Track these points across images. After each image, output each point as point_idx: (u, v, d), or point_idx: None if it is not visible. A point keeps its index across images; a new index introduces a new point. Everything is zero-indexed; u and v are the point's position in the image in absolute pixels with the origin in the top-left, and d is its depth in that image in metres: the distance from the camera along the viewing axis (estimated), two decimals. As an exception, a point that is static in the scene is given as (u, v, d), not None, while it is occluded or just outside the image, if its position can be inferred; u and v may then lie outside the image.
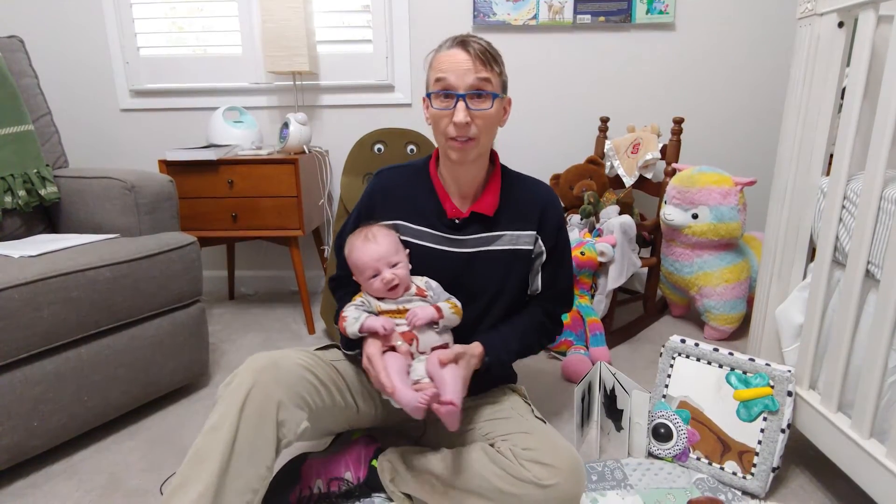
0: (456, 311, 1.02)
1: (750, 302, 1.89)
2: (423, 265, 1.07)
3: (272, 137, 2.26)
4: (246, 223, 1.91)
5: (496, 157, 1.13)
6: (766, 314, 1.27)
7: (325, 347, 1.10)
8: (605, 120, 2.20)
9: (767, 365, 1.13)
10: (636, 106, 2.24)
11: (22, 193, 1.51)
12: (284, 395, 0.90)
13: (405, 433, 1.19)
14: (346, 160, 1.89)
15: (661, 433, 1.20)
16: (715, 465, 1.14)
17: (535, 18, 2.15)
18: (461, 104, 0.96)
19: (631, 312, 2.13)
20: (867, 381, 0.93)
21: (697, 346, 1.22)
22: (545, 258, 1.12)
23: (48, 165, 1.58)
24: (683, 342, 1.23)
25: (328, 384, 1.00)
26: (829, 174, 1.08)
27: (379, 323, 0.97)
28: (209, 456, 0.83)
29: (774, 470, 1.09)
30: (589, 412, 1.36)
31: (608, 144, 2.18)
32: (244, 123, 2.07)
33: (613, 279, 1.76)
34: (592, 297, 1.80)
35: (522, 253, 1.09)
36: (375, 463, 1.09)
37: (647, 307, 2.13)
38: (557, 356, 1.76)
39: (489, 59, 0.98)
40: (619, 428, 1.27)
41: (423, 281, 1.06)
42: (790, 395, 1.09)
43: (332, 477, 1.07)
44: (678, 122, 1.94)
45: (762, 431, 1.10)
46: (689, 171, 1.87)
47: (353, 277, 1.07)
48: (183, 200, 1.85)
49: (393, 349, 0.97)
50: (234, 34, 2.22)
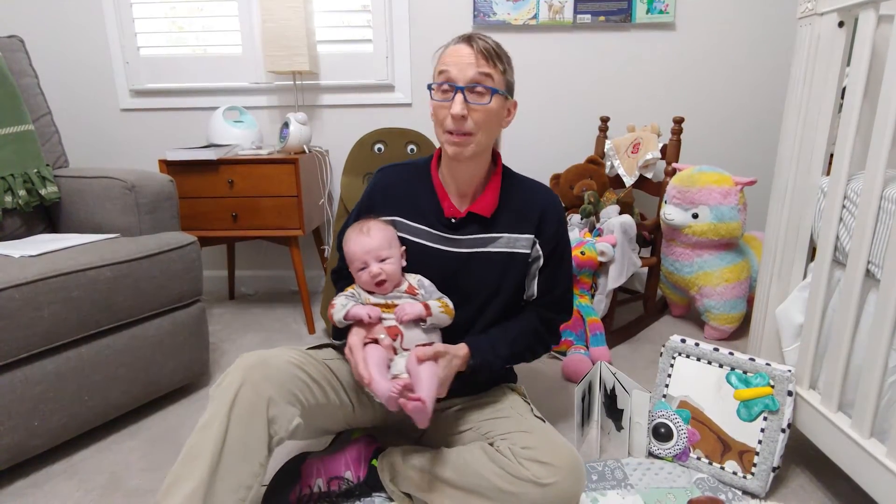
0: (446, 310, 1.02)
1: (750, 302, 1.89)
2: (418, 263, 1.07)
3: (272, 137, 2.26)
4: (246, 223, 1.91)
5: (499, 157, 1.13)
6: (766, 314, 1.27)
7: (318, 347, 1.09)
8: (605, 119, 2.20)
9: (768, 365, 1.13)
10: (636, 106, 2.24)
11: (22, 193, 1.51)
12: (275, 391, 0.90)
13: (405, 433, 1.18)
14: (346, 160, 1.89)
15: (661, 433, 1.20)
16: (715, 464, 1.14)
17: (535, 18, 2.14)
18: (459, 96, 0.97)
19: (631, 312, 2.13)
20: (867, 380, 0.93)
21: (698, 345, 1.22)
22: (542, 263, 1.10)
23: (48, 165, 1.58)
24: (684, 342, 1.23)
25: (321, 382, 1.00)
26: (829, 174, 1.08)
27: (364, 311, 0.97)
28: (200, 454, 0.83)
29: (775, 470, 1.09)
30: (589, 412, 1.36)
31: (608, 144, 2.18)
32: (244, 123, 2.07)
33: (614, 279, 1.76)
34: (592, 296, 1.80)
35: (519, 256, 1.09)
36: (375, 462, 1.09)
37: (647, 307, 2.13)
38: (558, 356, 1.76)
39: (492, 55, 0.98)
40: (619, 427, 1.27)
41: (415, 279, 1.06)
42: (790, 394, 1.09)
43: (332, 476, 1.07)
44: (678, 121, 1.94)
45: (762, 431, 1.10)
46: (689, 170, 1.87)
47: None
48: (183, 200, 1.85)
49: (376, 342, 0.97)
50: (234, 34, 2.22)
